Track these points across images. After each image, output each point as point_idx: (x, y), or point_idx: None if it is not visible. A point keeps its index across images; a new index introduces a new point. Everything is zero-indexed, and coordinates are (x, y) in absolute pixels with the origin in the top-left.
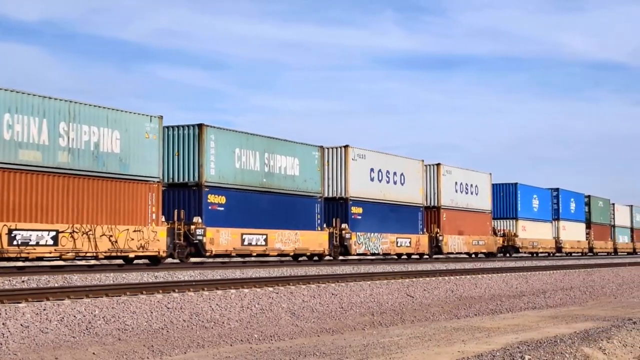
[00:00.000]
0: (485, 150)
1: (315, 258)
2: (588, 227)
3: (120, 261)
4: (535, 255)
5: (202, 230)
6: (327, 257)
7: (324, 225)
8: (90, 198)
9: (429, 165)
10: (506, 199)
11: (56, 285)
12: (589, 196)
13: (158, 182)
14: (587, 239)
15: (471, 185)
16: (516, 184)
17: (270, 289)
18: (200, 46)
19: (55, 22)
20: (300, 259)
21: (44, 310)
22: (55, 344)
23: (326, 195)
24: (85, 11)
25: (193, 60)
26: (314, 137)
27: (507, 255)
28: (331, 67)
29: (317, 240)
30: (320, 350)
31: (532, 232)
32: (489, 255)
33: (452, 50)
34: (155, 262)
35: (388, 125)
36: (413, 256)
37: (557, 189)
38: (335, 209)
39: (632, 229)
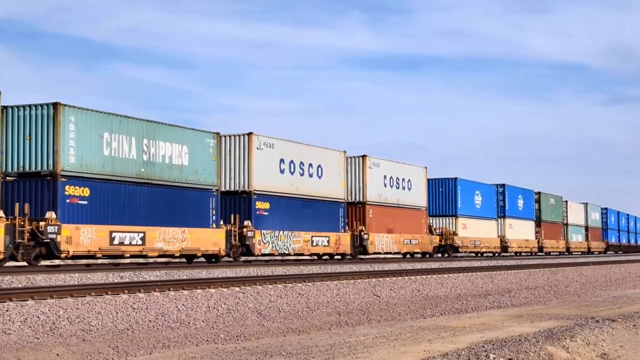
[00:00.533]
0: (450, 151)
1: (214, 260)
2: (538, 225)
3: None
4: (479, 255)
5: (56, 227)
6: (227, 259)
7: (221, 223)
8: None
9: (353, 157)
10: (445, 195)
11: (20, 285)
12: (539, 193)
13: None
14: (536, 238)
15: (403, 180)
16: (456, 178)
17: (237, 288)
18: (165, 45)
19: (19, 20)
20: (195, 260)
21: (7, 311)
22: (18, 345)
23: (225, 188)
24: (50, 9)
25: (158, 59)
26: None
27: (446, 255)
28: (297, 67)
29: (210, 239)
30: (287, 350)
31: (474, 230)
32: (425, 255)
33: (418, 51)
34: None
35: (352, 125)
36: (336, 257)
37: (502, 185)
38: (237, 204)
39: (586, 228)
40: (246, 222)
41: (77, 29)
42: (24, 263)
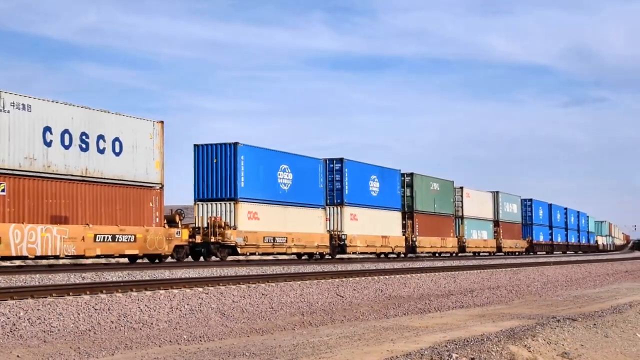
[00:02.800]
0: (412, 151)
1: None
2: (410, 217)
3: None
4: (276, 256)
5: None
6: None
7: None
8: None
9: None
10: (221, 169)
11: None
12: (411, 174)
13: None
14: (404, 234)
15: (102, 139)
16: (236, 144)
17: (200, 289)
18: (127, 45)
19: None
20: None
21: None
22: None
23: None
24: (13, 7)
25: (120, 59)
26: (236, 137)
27: (205, 259)
28: (259, 67)
29: None
30: (250, 350)
31: (295, 223)
32: (155, 260)
33: (381, 52)
34: None
35: (314, 125)
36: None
37: (340, 160)
38: None
39: (497, 223)
40: None
41: (39, 28)
42: None
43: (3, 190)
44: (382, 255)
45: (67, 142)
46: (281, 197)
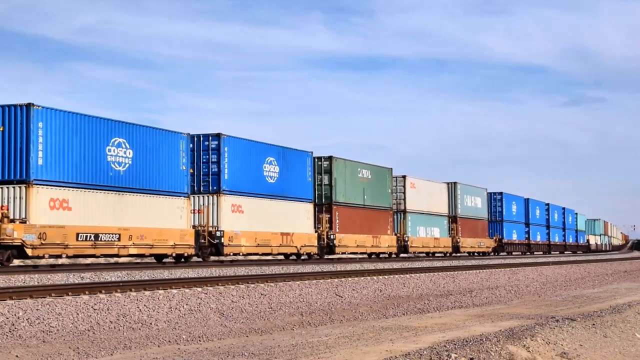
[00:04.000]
0: (411, 151)
1: None
2: (328, 211)
3: None
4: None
5: None
6: None
7: None
8: None
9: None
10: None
11: None
12: (330, 158)
13: None
14: (316, 231)
15: None
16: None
17: (199, 289)
18: (126, 45)
19: None
20: None
21: None
22: None
23: None
24: (9, 8)
25: (119, 59)
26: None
27: None
28: (257, 67)
29: None
30: (249, 350)
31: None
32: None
33: (379, 52)
34: None
35: (313, 125)
36: None
37: (217, 136)
38: None
39: (454, 219)
40: None
41: (38, 28)
42: None
43: None
44: (285, 257)
45: None
46: (113, 181)
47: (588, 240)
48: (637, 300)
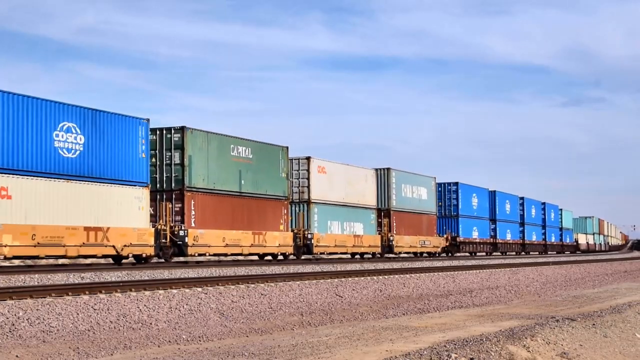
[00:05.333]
0: (410, 151)
1: None
2: (179, 199)
3: None
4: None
5: None
6: None
7: None
8: None
9: None
10: None
11: None
12: (182, 128)
13: None
14: (154, 225)
15: None
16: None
17: (199, 289)
18: (125, 45)
19: None
20: None
21: None
22: None
23: None
24: (9, 8)
25: (118, 59)
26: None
27: None
28: (257, 67)
29: None
30: (249, 350)
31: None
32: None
33: (379, 52)
34: None
35: (313, 125)
36: None
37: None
38: None
39: (386, 212)
40: None
41: (37, 28)
42: None
43: None
44: (107, 259)
45: None
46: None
47: (576, 240)
48: (637, 300)
